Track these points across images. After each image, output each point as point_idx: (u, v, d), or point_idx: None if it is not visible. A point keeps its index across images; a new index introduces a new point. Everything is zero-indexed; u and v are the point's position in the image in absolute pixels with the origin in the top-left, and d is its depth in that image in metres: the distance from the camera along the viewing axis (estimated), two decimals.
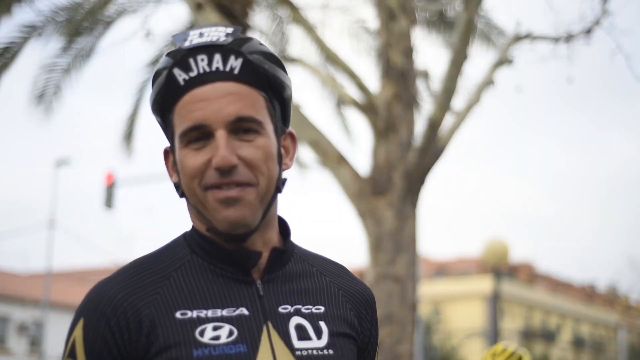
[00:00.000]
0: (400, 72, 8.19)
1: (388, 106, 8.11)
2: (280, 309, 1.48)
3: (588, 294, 55.40)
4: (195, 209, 1.49)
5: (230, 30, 1.48)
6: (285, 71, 1.55)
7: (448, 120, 8.06)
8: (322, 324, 1.50)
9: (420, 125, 8.29)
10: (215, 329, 1.42)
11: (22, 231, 42.14)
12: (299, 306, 1.50)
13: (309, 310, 1.51)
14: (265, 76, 1.50)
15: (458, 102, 8.15)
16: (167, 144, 1.55)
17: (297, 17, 8.85)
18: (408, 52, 8.28)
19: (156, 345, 1.40)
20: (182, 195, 1.51)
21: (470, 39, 7.99)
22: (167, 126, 1.52)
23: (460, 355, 41.18)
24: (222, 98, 1.44)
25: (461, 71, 7.85)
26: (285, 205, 1.59)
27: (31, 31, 12.39)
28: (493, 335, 19.37)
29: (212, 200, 1.44)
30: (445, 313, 44.52)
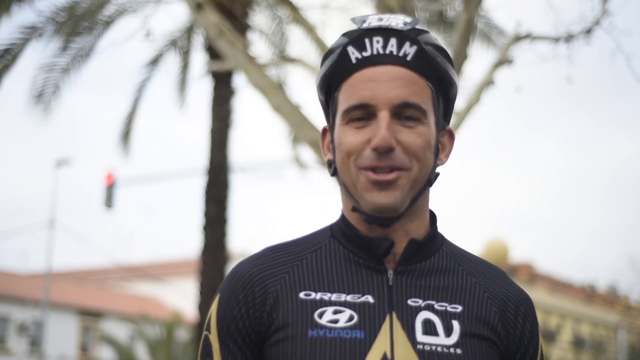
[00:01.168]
0: None
1: None
2: (410, 302, 1.44)
3: (588, 294, 55.39)
4: (345, 187, 1.49)
5: (408, 20, 1.49)
6: (455, 70, 1.54)
7: None
8: (455, 322, 1.44)
9: None
10: (335, 312, 1.42)
11: (22, 231, 42.15)
12: (432, 302, 1.45)
13: (443, 308, 1.45)
14: (436, 69, 1.49)
15: (458, 102, 8.14)
16: (325, 124, 1.56)
17: (297, 17, 8.84)
18: None
19: (276, 323, 1.43)
20: (333, 173, 1.52)
21: (470, 39, 7.99)
22: (329, 104, 1.54)
23: None
24: (391, 81, 1.45)
25: (461, 71, 7.85)
26: (286, 206, 1.59)
27: (32, 32, 12.38)
28: None
29: (365, 180, 1.44)
30: None
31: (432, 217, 1.55)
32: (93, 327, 36.16)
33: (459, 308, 1.46)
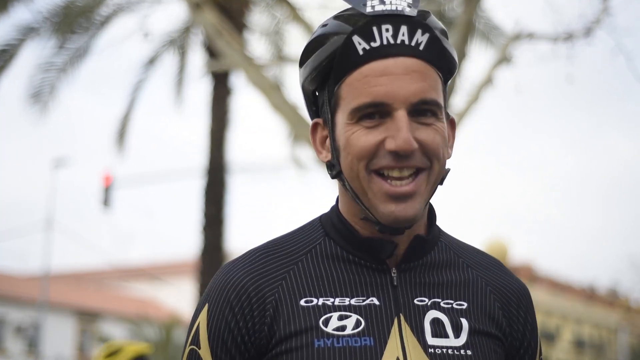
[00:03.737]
0: None
1: None
2: (416, 301, 1.36)
3: (588, 295, 55.36)
4: (353, 194, 1.36)
5: (411, 0, 1.35)
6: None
7: None
8: (463, 320, 1.37)
9: None
10: (341, 318, 1.32)
11: (19, 232, 42.09)
12: (438, 300, 1.37)
13: (449, 306, 1.37)
14: (446, 57, 1.37)
15: (458, 101, 8.09)
16: (312, 118, 1.43)
17: (296, 16, 8.78)
18: None
19: (277, 335, 1.32)
20: (335, 175, 1.38)
21: (469, 39, 7.93)
22: (316, 96, 1.40)
23: None
24: (406, 75, 1.31)
25: (461, 71, 7.79)
26: (285, 206, 1.48)
27: (28, 32, 12.33)
28: None
29: (378, 190, 1.32)
30: None
31: (430, 208, 1.44)
32: (90, 328, 36.09)
33: (465, 305, 1.39)
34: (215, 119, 13.61)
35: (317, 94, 1.42)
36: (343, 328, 1.31)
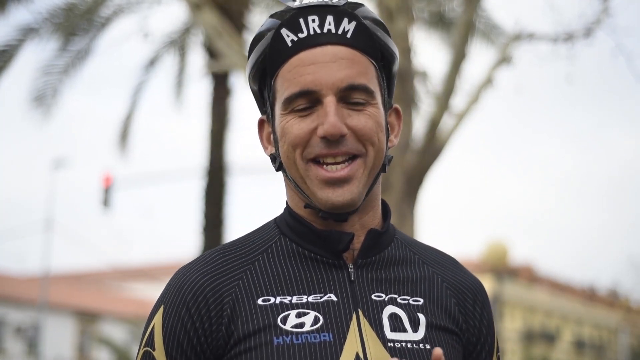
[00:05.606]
0: (399, 73, 8.11)
1: None
2: (374, 297, 1.36)
3: (589, 295, 55.33)
4: (294, 183, 1.38)
5: None
6: (394, 43, 1.44)
7: (447, 121, 7.99)
8: (420, 315, 1.37)
9: (418, 126, 8.23)
10: (299, 315, 1.32)
11: (19, 232, 42.10)
12: (395, 295, 1.38)
13: (406, 301, 1.38)
14: (378, 44, 1.39)
15: (457, 102, 8.08)
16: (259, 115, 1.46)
17: None
18: (407, 52, 8.21)
19: (236, 335, 1.32)
20: (279, 168, 1.41)
21: (470, 39, 7.92)
22: (263, 94, 1.43)
23: None
24: (333, 62, 1.34)
25: (461, 71, 7.78)
26: (284, 205, 1.48)
27: (28, 32, 12.31)
28: None
29: (314, 177, 1.34)
30: None
31: (384, 205, 1.46)
32: (90, 329, 36.07)
33: (421, 301, 1.40)
34: (215, 120, 13.61)
35: (262, 92, 1.45)
36: (302, 325, 1.31)
